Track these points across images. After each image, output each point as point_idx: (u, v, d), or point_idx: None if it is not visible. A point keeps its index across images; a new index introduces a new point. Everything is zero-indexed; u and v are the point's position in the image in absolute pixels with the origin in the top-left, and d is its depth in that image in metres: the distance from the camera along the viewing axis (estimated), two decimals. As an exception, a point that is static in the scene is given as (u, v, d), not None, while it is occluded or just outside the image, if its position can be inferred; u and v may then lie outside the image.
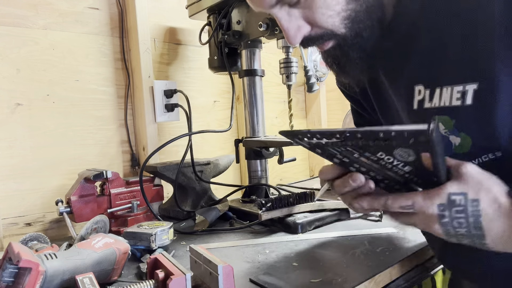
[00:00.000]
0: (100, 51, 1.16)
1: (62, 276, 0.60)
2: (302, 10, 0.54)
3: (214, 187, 1.19)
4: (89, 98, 1.14)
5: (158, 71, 1.28)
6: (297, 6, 0.54)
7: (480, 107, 0.50)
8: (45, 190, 1.06)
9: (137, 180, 1.03)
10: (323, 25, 0.54)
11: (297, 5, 0.54)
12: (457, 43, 0.51)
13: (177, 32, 1.33)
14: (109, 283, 0.68)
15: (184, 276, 0.55)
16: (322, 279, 0.65)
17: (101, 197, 0.98)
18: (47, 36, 1.06)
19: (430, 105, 0.54)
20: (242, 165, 1.48)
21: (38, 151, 1.05)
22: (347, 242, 0.83)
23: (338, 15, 0.53)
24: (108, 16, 1.18)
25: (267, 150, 1.13)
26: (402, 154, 0.43)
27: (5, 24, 1.00)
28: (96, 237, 0.69)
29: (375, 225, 0.93)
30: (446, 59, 0.52)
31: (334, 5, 0.53)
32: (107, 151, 1.18)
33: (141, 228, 0.80)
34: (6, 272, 0.55)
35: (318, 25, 0.55)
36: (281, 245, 0.83)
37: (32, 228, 1.03)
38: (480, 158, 0.53)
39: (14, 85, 1.01)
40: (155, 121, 1.22)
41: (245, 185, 1.21)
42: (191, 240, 0.91)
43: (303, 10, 0.54)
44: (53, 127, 1.07)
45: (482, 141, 0.52)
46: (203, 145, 1.40)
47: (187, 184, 1.12)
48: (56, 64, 1.08)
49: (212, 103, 1.42)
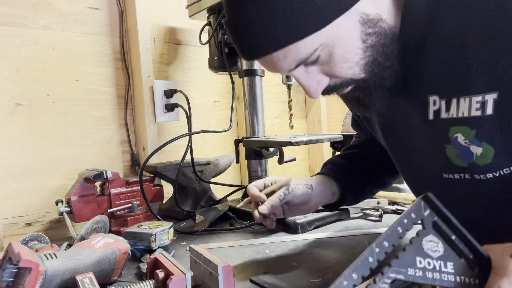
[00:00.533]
0: (100, 51, 1.16)
1: (62, 276, 0.60)
2: (320, 66, 0.54)
3: (214, 187, 1.19)
4: (89, 98, 1.14)
5: (158, 71, 1.28)
6: (315, 64, 0.53)
7: (503, 116, 0.49)
8: (45, 190, 1.06)
9: (137, 180, 1.03)
10: (343, 76, 0.54)
11: (315, 63, 0.53)
12: (473, 52, 0.49)
13: (177, 32, 1.33)
14: (109, 283, 0.68)
15: (184, 276, 0.55)
16: (322, 279, 0.65)
17: (101, 197, 0.98)
18: (47, 36, 1.06)
19: (447, 115, 0.53)
20: (242, 165, 1.48)
21: (38, 151, 1.05)
22: (347, 242, 0.83)
23: (357, 64, 0.53)
24: (108, 16, 1.18)
25: (267, 150, 1.13)
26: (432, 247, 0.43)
27: (5, 24, 1.00)
28: (96, 237, 0.69)
29: (375, 225, 0.93)
30: (461, 69, 0.50)
31: (352, 57, 0.52)
32: (107, 151, 1.18)
33: (141, 228, 0.80)
34: (6, 272, 0.55)
35: (337, 77, 0.54)
36: (281, 245, 0.83)
37: (32, 228, 1.03)
38: (502, 170, 0.52)
39: (14, 85, 1.01)
40: (155, 121, 1.22)
41: (245, 185, 1.21)
42: (191, 240, 0.91)
43: (321, 66, 0.53)
44: (53, 127, 1.07)
45: (504, 151, 0.50)
46: (203, 145, 1.40)
47: (187, 184, 1.12)
48: (56, 64, 1.08)
49: (212, 103, 1.42)
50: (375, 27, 0.51)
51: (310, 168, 1.83)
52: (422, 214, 0.43)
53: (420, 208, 0.43)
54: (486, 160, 0.52)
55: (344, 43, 0.51)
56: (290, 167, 1.71)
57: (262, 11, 0.47)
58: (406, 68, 0.55)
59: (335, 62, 0.52)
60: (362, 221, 0.97)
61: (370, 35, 0.51)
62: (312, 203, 0.76)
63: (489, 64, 0.48)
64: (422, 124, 0.57)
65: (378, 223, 0.95)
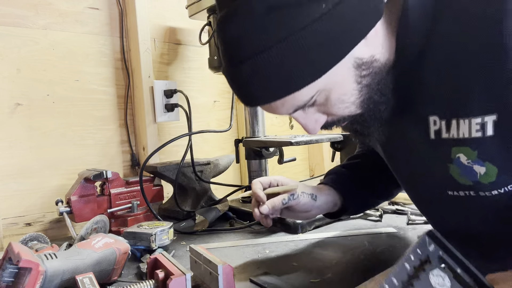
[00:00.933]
0: (100, 51, 1.16)
1: (62, 276, 0.60)
2: (317, 107, 0.55)
3: (214, 187, 1.19)
4: (89, 98, 1.14)
5: (158, 71, 1.27)
6: (313, 106, 0.55)
7: (503, 137, 0.49)
8: (45, 190, 1.06)
9: (137, 180, 1.03)
10: (340, 115, 0.55)
11: (312, 105, 0.55)
12: (469, 75, 0.49)
13: (177, 32, 1.33)
14: (109, 283, 0.68)
15: (184, 276, 0.55)
16: (322, 279, 0.65)
17: (101, 197, 0.98)
18: (47, 36, 1.06)
19: (448, 135, 0.53)
20: (242, 165, 1.48)
21: (38, 151, 1.05)
22: (347, 242, 0.83)
23: (353, 103, 0.54)
24: (108, 16, 1.18)
25: (267, 150, 1.13)
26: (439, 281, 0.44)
27: (5, 24, 1.00)
28: (96, 237, 0.69)
29: (375, 225, 0.93)
30: (459, 92, 0.51)
31: (348, 98, 0.53)
32: (107, 151, 1.18)
33: (141, 228, 0.80)
34: (6, 272, 0.55)
35: (334, 115, 0.56)
36: (281, 245, 0.83)
37: (32, 228, 1.03)
38: (506, 187, 0.52)
39: (14, 85, 1.01)
40: (155, 121, 1.22)
41: (245, 185, 1.21)
42: (191, 240, 0.91)
43: (319, 107, 0.55)
44: (53, 127, 1.07)
45: (509, 169, 0.50)
46: (203, 145, 1.40)
47: (187, 184, 1.12)
48: (56, 64, 1.08)
49: (212, 103, 1.42)
50: (369, 68, 0.53)
51: (310, 168, 1.83)
52: (428, 249, 0.45)
53: (425, 243, 0.45)
54: (490, 178, 0.52)
55: (340, 87, 0.52)
56: (290, 167, 1.71)
57: (258, 68, 0.48)
58: (405, 90, 0.56)
59: (332, 104, 0.53)
60: (362, 221, 0.97)
61: (364, 77, 0.53)
62: (312, 212, 0.76)
63: (486, 87, 0.48)
64: (424, 144, 0.57)
65: (378, 223, 0.95)
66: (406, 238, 0.82)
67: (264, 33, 0.46)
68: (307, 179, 1.69)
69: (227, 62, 0.52)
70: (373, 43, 0.53)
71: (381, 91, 0.54)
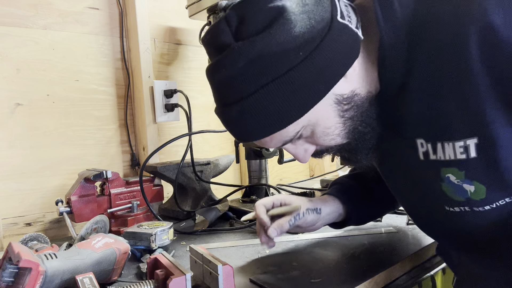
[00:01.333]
0: (100, 51, 1.16)
1: (62, 276, 0.60)
2: (305, 139, 0.59)
3: (214, 187, 1.19)
4: (89, 98, 1.14)
5: (158, 71, 1.27)
6: (300, 138, 0.59)
7: (486, 158, 0.50)
8: (45, 190, 1.06)
9: (137, 180, 1.03)
10: (327, 145, 0.59)
11: (300, 138, 0.59)
12: (447, 101, 0.51)
13: (177, 32, 1.33)
14: (109, 283, 0.68)
15: (184, 276, 0.55)
16: (322, 279, 0.65)
17: (101, 197, 0.98)
18: (47, 36, 1.06)
19: (435, 157, 0.55)
20: (242, 165, 1.48)
21: (38, 151, 1.05)
22: (347, 242, 0.83)
23: (339, 135, 0.58)
24: (108, 16, 1.18)
25: (267, 150, 1.13)
26: None
27: (5, 24, 1.00)
28: (96, 237, 0.69)
29: (375, 225, 0.93)
30: (440, 117, 0.53)
31: (332, 131, 0.57)
32: (107, 151, 1.18)
33: (141, 228, 0.80)
34: (6, 272, 0.55)
35: (322, 145, 0.60)
36: (281, 245, 0.83)
37: (32, 228, 1.03)
38: (497, 202, 0.53)
39: (14, 85, 1.01)
40: (155, 121, 1.22)
41: (245, 185, 1.21)
42: (191, 240, 0.91)
43: (306, 139, 0.59)
44: (53, 127, 1.07)
45: (496, 187, 0.52)
46: (203, 145, 1.40)
47: (187, 184, 1.12)
48: (56, 64, 1.08)
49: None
50: (350, 103, 0.56)
51: (310, 168, 1.83)
52: None
53: None
54: (480, 196, 0.54)
55: (324, 122, 0.56)
56: (290, 167, 1.71)
57: (244, 110, 0.53)
58: (391, 117, 0.59)
59: (318, 136, 0.57)
60: (362, 221, 0.97)
61: (347, 111, 0.56)
62: (318, 224, 0.76)
63: (463, 112, 0.50)
64: (415, 164, 0.58)
65: (378, 223, 0.95)
66: (406, 238, 0.82)
67: (247, 80, 0.51)
68: (307, 179, 1.69)
69: (217, 104, 0.58)
70: (353, 79, 0.56)
71: (365, 121, 0.58)
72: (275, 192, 1.15)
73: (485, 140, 0.50)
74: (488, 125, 0.49)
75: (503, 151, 0.50)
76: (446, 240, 0.66)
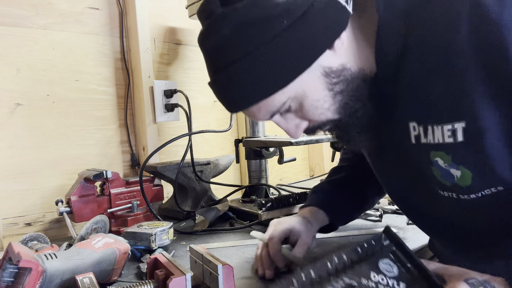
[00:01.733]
0: (100, 51, 1.16)
1: (62, 276, 0.60)
2: (295, 113, 0.59)
3: (214, 187, 1.19)
4: (89, 98, 1.14)
5: (158, 71, 1.28)
6: (289, 112, 0.59)
7: (473, 143, 0.51)
8: (45, 190, 1.06)
9: (137, 180, 1.03)
10: (318, 120, 0.59)
11: (289, 111, 0.59)
12: (438, 85, 0.52)
13: (177, 32, 1.33)
14: (109, 283, 0.68)
15: (184, 276, 0.55)
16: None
17: (101, 197, 0.98)
18: (47, 36, 1.06)
19: (426, 141, 0.55)
20: (242, 165, 1.48)
21: (38, 151, 1.05)
22: (347, 242, 0.83)
23: (328, 110, 0.57)
24: (108, 16, 1.18)
25: (267, 150, 1.13)
26: (387, 268, 0.48)
27: (5, 24, 1.00)
28: (96, 237, 0.69)
29: (375, 225, 0.93)
30: (431, 99, 0.53)
31: (321, 104, 0.57)
32: (107, 151, 1.18)
33: (141, 228, 0.80)
34: (6, 272, 0.55)
35: (313, 120, 0.59)
36: (281, 245, 0.83)
37: (32, 228, 1.03)
38: (483, 191, 0.54)
39: (14, 85, 1.01)
40: (155, 121, 1.22)
41: (245, 185, 1.21)
42: (191, 240, 0.91)
43: (296, 113, 0.59)
44: (53, 127, 1.07)
45: (481, 174, 0.53)
46: (203, 145, 1.40)
47: (187, 184, 1.12)
48: (56, 64, 1.08)
49: (212, 103, 1.42)
50: (339, 76, 0.56)
51: (310, 168, 1.83)
52: (382, 243, 0.50)
53: (380, 238, 0.50)
54: (466, 182, 0.54)
55: (312, 94, 0.56)
56: (290, 167, 1.71)
57: (230, 77, 0.54)
58: (386, 98, 0.59)
59: (307, 110, 0.57)
60: (362, 221, 0.97)
61: (336, 84, 0.56)
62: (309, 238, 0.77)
63: (454, 95, 0.51)
64: (407, 147, 0.59)
65: (378, 223, 0.95)
66: (406, 238, 0.82)
67: (233, 47, 0.52)
68: (307, 179, 1.69)
69: (208, 71, 0.59)
70: (343, 53, 0.56)
71: (356, 96, 0.57)
72: (275, 192, 1.15)
73: (473, 124, 0.50)
74: (476, 108, 0.49)
75: (490, 137, 0.50)
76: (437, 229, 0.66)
